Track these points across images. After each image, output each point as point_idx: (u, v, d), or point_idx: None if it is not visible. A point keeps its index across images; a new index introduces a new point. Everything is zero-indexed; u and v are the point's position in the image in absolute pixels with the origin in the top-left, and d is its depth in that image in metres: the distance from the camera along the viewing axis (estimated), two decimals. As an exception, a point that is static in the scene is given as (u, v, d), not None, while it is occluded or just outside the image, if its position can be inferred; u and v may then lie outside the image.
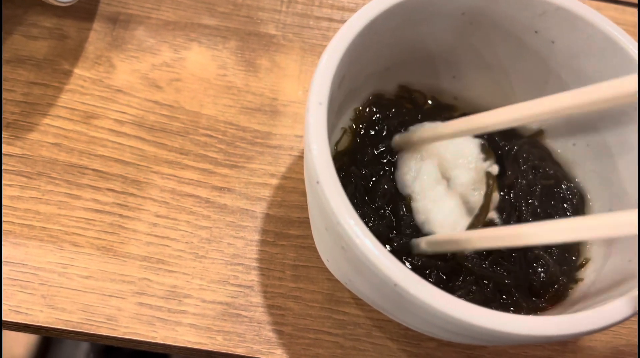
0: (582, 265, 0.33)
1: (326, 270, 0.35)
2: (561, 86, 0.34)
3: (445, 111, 0.37)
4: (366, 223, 0.31)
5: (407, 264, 0.31)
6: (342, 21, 0.43)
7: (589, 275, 0.33)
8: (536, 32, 0.33)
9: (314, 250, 0.36)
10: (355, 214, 0.25)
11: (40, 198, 0.36)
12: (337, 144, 0.34)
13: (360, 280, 0.28)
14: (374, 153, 0.34)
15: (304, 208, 0.37)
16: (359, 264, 0.25)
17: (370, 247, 0.24)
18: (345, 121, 0.35)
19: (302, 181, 0.37)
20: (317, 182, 0.25)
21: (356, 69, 0.32)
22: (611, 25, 0.31)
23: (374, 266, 0.24)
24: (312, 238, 0.36)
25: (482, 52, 0.35)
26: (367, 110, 0.36)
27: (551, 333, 0.25)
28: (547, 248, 0.33)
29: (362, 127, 0.35)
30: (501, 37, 0.34)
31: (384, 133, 0.35)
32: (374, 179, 0.33)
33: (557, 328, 0.25)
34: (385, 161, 0.34)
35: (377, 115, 0.35)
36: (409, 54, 0.35)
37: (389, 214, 0.33)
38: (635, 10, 0.46)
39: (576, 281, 0.33)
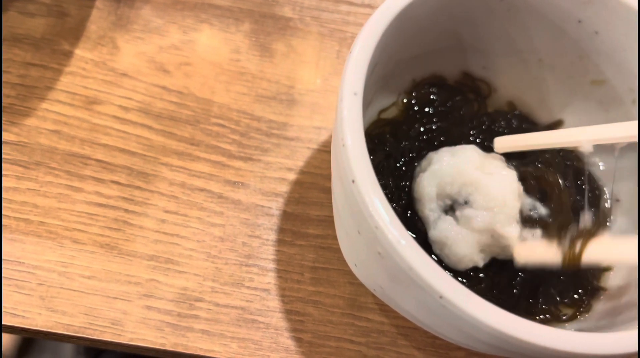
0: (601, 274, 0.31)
1: (348, 273, 0.33)
2: (601, 78, 0.33)
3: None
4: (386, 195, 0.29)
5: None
6: (363, 5, 0.40)
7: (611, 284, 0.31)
8: (579, 21, 0.31)
9: (335, 250, 0.33)
10: (396, 218, 0.23)
11: (38, 190, 0.33)
12: (381, 112, 0.33)
13: (396, 289, 0.25)
14: (420, 130, 0.32)
15: (323, 205, 0.34)
16: (399, 272, 0.23)
17: (414, 254, 0.22)
18: (374, 110, 0.33)
19: (322, 176, 0.35)
20: (353, 181, 0.23)
21: (388, 55, 0.29)
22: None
23: (417, 276, 0.22)
24: (332, 238, 0.33)
25: (518, 42, 0.33)
26: (425, 88, 0.34)
27: (609, 352, 0.23)
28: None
29: (414, 103, 0.33)
30: (540, 26, 0.32)
31: (436, 116, 0.33)
32: (411, 154, 0.31)
33: (614, 346, 0.23)
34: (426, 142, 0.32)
35: (434, 96, 0.34)
36: (441, 42, 0.33)
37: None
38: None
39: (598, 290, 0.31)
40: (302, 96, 0.37)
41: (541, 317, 0.30)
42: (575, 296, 0.30)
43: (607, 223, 0.33)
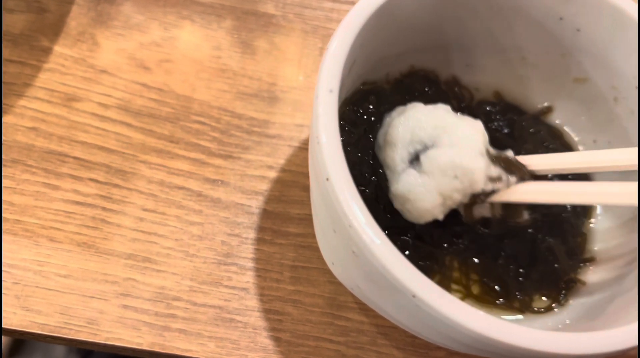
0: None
1: (328, 272, 0.32)
2: (584, 75, 0.32)
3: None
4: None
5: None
6: (347, 2, 0.40)
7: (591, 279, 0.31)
8: (561, 19, 0.31)
9: (315, 249, 0.33)
10: (370, 216, 0.22)
11: (14, 188, 0.32)
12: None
13: (372, 288, 0.25)
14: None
15: (304, 203, 0.34)
16: (373, 271, 0.23)
17: (387, 254, 0.22)
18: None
19: (303, 174, 0.35)
20: (327, 179, 0.23)
21: (367, 53, 0.29)
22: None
23: (390, 275, 0.22)
24: (312, 237, 0.33)
25: (501, 40, 0.33)
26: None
27: (586, 351, 0.22)
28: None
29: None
30: (522, 24, 0.32)
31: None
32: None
33: (592, 345, 0.23)
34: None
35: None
36: (423, 39, 0.32)
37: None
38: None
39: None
40: (284, 93, 0.37)
41: (516, 305, 0.30)
42: (553, 288, 0.30)
43: None
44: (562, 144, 0.34)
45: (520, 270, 0.30)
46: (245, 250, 0.33)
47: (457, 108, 0.34)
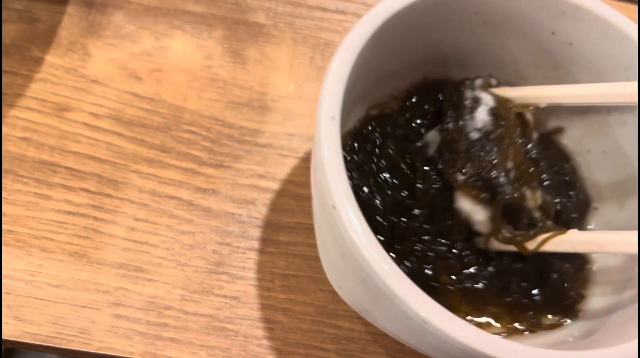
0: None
1: (319, 280, 0.33)
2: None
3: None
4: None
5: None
6: (337, 11, 0.40)
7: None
8: (553, 33, 0.31)
9: (306, 258, 0.33)
10: (378, 244, 0.22)
11: (6, 198, 0.33)
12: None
13: (381, 312, 0.25)
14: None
15: (294, 212, 0.34)
16: (382, 297, 0.23)
17: (397, 281, 0.22)
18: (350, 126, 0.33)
19: (293, 183, 0.35)
20: (333, 207, 0.23)
21: (365, 74, 0.29)
22: (633, 27, 0.29)
23: (400, 302, 0.22)
24: (303, 245, 0.34)
25: (495, 54, 0.33)
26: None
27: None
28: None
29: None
30: (516, 39, 0.32)
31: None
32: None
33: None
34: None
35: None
36: (419, 56, 0.32)
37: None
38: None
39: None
40: (274, 102, 0.37)
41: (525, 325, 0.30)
42: (559, 306, 0.30)
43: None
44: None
45: (532, 290, 0.31)
46: (236, 259, 0.33)
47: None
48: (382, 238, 0.29)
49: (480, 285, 0.30)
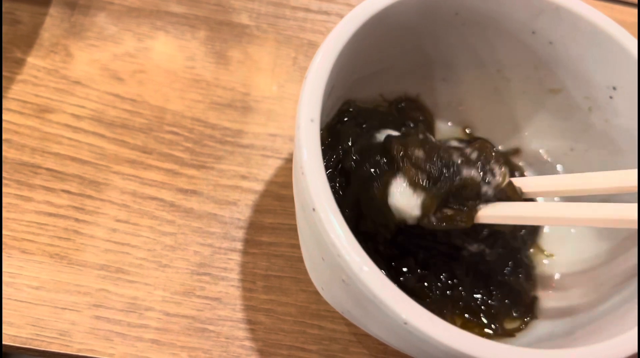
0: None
1: (301, 281, 0.33)
2: (558, 87, 0.33)
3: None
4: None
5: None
6: (320, 12, 0.40)
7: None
8: (533, 32, 0.31)
9: (288, 258, 0.33)
10: (358, 246, 0.22)
11: (-14, 200, 0.33)
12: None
13: (363, 313, 0.25)
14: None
15: (277, 212, 0.34)
16: (363, 298, 0.23)
17: (377, 281, 0.22)
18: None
19: (276, 183, 0.35)
20: (313, 209, 0.23)
21: (344, 75, 0.29)
22: (614, 25, 0.29)
23: (381, 303, 0.22)
24: (285, 246, 0.33)
25: (477, 54, 0.33)
26: None
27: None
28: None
29: None
30: (496, 39, 0.32)
31: None
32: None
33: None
34: None
35: None
36: (399, 57, 0.32)
37: None
38: (631, 9, 0.44)
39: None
40: (257, 103, 0.37)
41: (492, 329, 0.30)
42: (520, 309, 0.31)
43: None
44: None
45: (485, 296, 0.31)
46: (218, 260, 0.33)
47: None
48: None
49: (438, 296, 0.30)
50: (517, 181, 0.29)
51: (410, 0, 0.29)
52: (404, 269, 0.31)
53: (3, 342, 0.30)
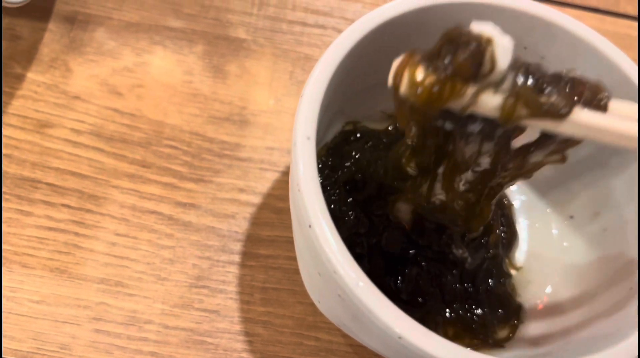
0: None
1: (298, 293, 0.33)
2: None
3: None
4: None
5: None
6: (316, 25, 0.41)
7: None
8: (525, 48, 0.32)
9: (285, 271, 0.34)
10: (353, 262, 0.23)
11: (-13, 215, 0.33)
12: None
13: (359, 327, 0.26)
14: None
15: (274, 225, 0.35)
16: (358, 313, 0.23)
17: (372, 297, 0.22)
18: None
19: (273, 196, 0.35)
20: (310, 226, 0.23)
21: (339, 92, 0.29)
22: (604, 42, 0.29)
23: (376, 318, 0.22)
24: (283, 259, 0.34)
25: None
26: None
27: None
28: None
29: None
30: None
31: None
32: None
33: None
34: None
35: None
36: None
37: None
38: (622, 21, 0.44)
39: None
40: (254, 116, 0.38)
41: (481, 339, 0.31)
42: (507, 319, 0.31)
43: None
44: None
45: (475, 306, 0.31)
46: (216, 273, 0.33)
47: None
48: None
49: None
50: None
51: (408, 15, 0.29)
52: (398, 278, 0.31)
53: (4, 356, 0.30)
